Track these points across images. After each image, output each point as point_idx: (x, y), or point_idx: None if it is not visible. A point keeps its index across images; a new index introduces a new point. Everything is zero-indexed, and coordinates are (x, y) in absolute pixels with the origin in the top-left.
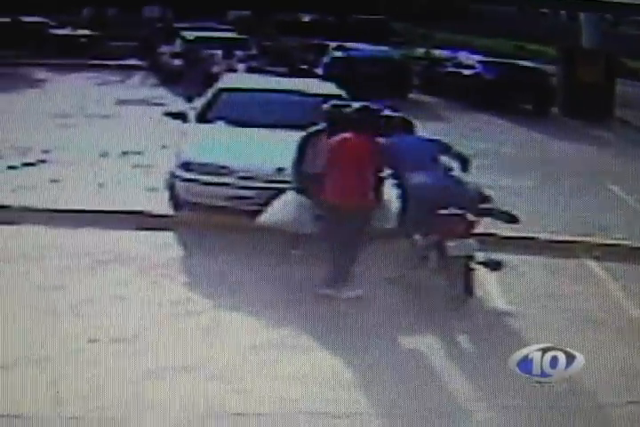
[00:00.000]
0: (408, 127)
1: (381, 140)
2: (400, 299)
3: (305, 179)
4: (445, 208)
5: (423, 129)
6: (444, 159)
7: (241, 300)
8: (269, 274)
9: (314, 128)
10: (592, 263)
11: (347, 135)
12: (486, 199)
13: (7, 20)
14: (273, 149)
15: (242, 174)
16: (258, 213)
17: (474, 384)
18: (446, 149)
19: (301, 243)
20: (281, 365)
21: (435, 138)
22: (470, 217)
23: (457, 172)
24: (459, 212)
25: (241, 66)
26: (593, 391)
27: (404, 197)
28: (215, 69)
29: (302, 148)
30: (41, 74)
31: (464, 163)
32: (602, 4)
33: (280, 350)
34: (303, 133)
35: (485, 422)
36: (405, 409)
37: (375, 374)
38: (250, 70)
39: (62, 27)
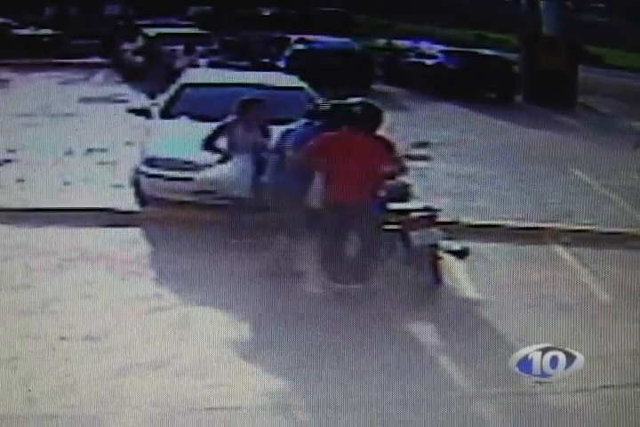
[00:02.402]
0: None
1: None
2: (370, 288)
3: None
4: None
5: (387, 118)
6: None
7: (210, 294)
8: (237, 268)
9: (230, 119)
10: (560, 249)
11: (348, 132)
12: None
13: None
14: None
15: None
16: (223, 206)
17: (443, 373)
18: None
19: (241, 232)
20: (252, 359)
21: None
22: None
23: None
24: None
25: (203, 61)
26: (565, 377)
27: None
28: (177, 65)
29: (217, 133)
30: (4, 74)
31: None
32: None
33: (251, 344)
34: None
35: (456, 410)
36: (379, 400)
37: (345, 365)
38: (212, 65)
39: (25, 27)
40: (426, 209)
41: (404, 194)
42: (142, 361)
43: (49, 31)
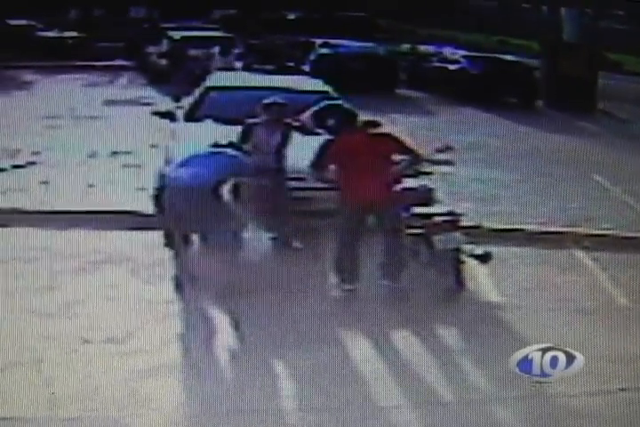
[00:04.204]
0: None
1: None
2: (393, 291)
3: None
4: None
5: (411, 123)
6: None
7: (233, 298)
8: (260, 272)
9: (253, 120)
10: (580, 254)
11: (349, 133)
12: None
13: None
14: None
15: None
16: None
17: (468, 376)
18: None
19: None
20: (273, 361)
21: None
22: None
23: None
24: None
25: (238, 63)
26: (583, 379)
27: None
28: (213, 66)
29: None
30: (29, 76)
31: None
32: None
33: (272, 346)
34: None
35: (479, 413)
36: (401, 402)
37: (369, 367)
38: (245, 68)
39: (50, 29)
40: (449, 213)
41: (427, 198)
42: (164, 363)
43: (74, 33)
